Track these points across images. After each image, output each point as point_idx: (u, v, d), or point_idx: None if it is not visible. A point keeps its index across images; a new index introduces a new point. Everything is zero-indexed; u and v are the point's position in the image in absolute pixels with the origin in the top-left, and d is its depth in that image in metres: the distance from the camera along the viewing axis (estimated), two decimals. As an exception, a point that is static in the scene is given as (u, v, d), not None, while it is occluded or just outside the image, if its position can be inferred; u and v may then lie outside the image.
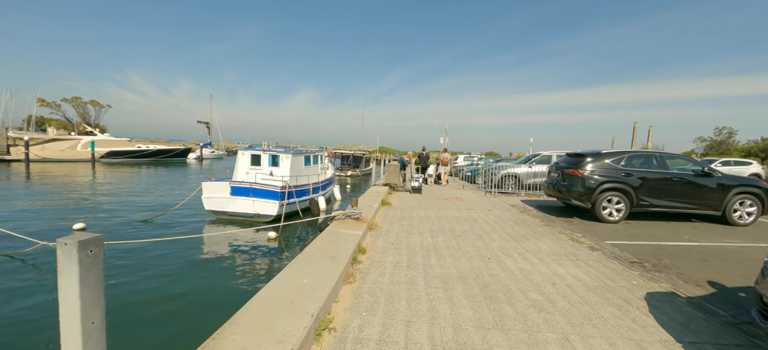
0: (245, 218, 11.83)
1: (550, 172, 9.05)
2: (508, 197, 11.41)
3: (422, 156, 18.51)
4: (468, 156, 25.24)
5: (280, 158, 13.35)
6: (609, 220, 7.58)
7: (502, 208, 9.12)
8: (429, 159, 17.77)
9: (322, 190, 15.30)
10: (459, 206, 9.34)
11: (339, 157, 37.91)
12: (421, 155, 19.21)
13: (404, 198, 10.52)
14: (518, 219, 7.63)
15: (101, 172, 28.89)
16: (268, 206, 11.57)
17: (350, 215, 6.08)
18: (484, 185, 13.43)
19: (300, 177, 13.77)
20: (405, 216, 7.59)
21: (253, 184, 11.66)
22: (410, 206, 9.07)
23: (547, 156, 13.09)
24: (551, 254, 5.06)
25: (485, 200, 10.71)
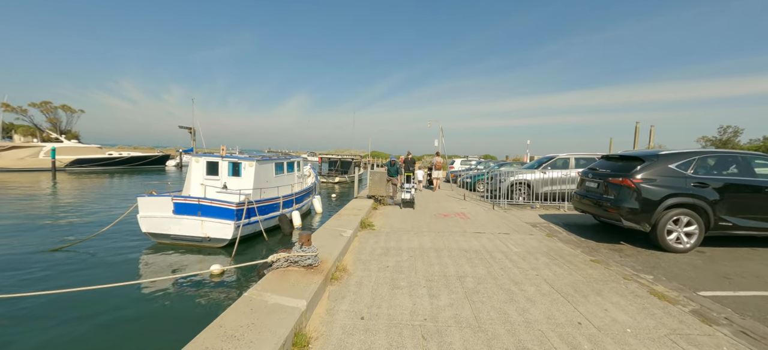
0: (193, 243, 9.39)
1: (584, 181, 6.86)
2: (522, 212, 9.19)
3: (407, 160, 16.81)
4: (465, 160, 23.11)
5: (243, 167, 10.96)
6: (676, 248, 5.41)
7: (521, 230, 6.88)
8: (414, 164, 16.48)
9: (297, 202, 12.93)
10: (464, 227, 7.08)
11: (326, 162, 35.47)
12: (406, 160, 17.42)
13: (392, 216, 8.23)
14: (552, 251, 5.38)
15: (62, 182, 26.05)
16: (221, 227, 9.16)
17: (299, 259, 3.75)
18: (489, 196, 11.24)
19: (268, 189, 11.40)
20: (390, 249, 5.29)
21: (202, 200, 9.24)
22: (399, 229, 6.77)
23: (562, 159, 10.96)
24: (643, 335, 2.82)
25: (495, 215, 8.47)
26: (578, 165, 10.74)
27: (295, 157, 14.68)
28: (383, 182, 9.65)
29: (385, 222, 7.37)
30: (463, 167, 22.05)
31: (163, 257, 8.76)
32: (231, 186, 10.79)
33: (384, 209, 9.09)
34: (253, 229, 10.02)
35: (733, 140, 32.90)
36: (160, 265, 8.26)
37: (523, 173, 10.67)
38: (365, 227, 6.69)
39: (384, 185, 9.66)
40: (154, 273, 7.81)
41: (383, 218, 7.81)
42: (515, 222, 7.60)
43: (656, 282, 4.11)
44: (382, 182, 9.65)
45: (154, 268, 8.06)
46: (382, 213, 8.51)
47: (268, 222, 10.81)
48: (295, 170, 14.27)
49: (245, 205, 9.32)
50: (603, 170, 6.34)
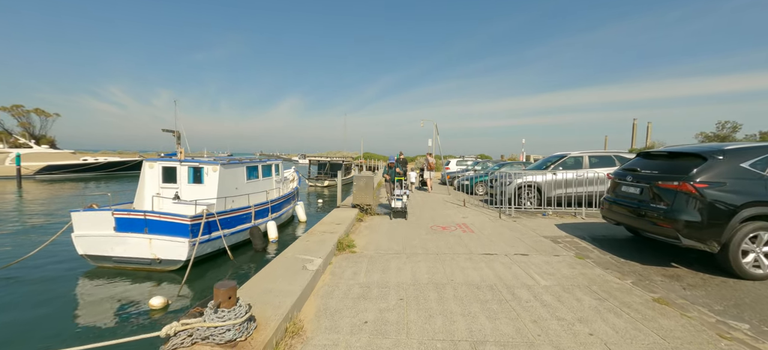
0: (140, 266, 7.76)
1: (619, 184, 5.46)
2: (534, 220, 7.80)
3: (399, 161, 15.87)
4: (461, 160, 21.75)
5: (205, 172, 9.35)
6: (754, 274, 4.06)
7: (541, 248, 5.46)
8: (406, 165, 15.61)
9: (275, 211, 11.35)
10: (469, 245, 5.63)
11: (315, 164, 33.84)
12: (398, 160, 16.41)
13: (379, 230, 6.75)
14: (593, 283, 3.96)
15: (26, 191, 24.03)
16: (173, 246, 7.57)
17: (212, 333, 2.25)
18: (493, 201, 9.84)
19: (237, 198, 9.81)
20: (372, 287, 3.81)
21: (150, 214, 7.63)
22: (387, 251, 5.28)
23: (573, 158, 9.62)
24: None
25: (503, 227, 7.05)
26: (593, 165, 9.42)
27: (274, 159, 13.08)
28: (370, 189, 8.16)
29: (370, 240, 5.88)
30: (459, 167, 20.67)
31: (100, 286, 7.13)
32: (192, 195, 9.18)
33: (371, 221, 7.60)
34: (212, 248, 8.43)
35: (732, 135, 32.28)
36: (95, 298, 6.64)
37: (530, 175, 9.30)
38: (343, 248, 5.19)
39: (371, 191, 8.17)
40: (86, 309, 6.21)
41: (368, 234, 6.32)
42: (530, 236, 6.18)
43: (763, 339, 2.72)
44: (369, 188, 8.16)
45: (87, 303, 6.44)
46: (368, 226, 7.02)
47: (236, 237, 9.22)
48: (272, 174, 12.69)
49: (203, 218, 7.73)
50: (647, 170, 4.95)
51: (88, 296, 6.71)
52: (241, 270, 8.12)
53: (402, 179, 8.45)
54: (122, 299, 6.48)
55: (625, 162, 9.91)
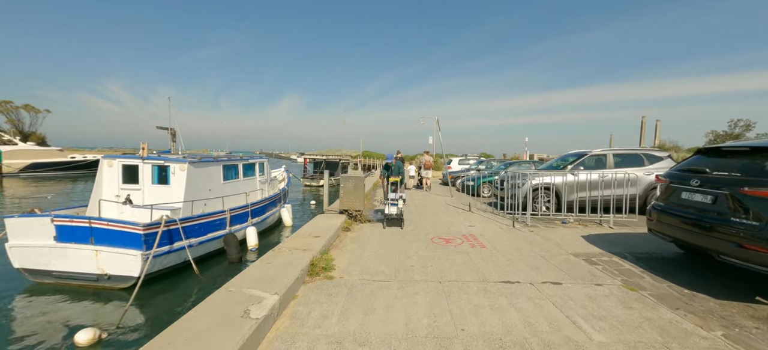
0: (86, 283, 6.55)
1: (678, 189, 4.21)
2: (554, 230, 6.56)
3: (397, 160, 14.82)
4: (463, 159, 20.50)
5: (171, 171, 8.12)
6: None
7: (576, 272, 4.23)
8: (403, 163, 14.79)
9: (256, 216, 10.13)
10: (481, 267, 4.39)
11: (311, 163, 32.62)
12: (396, 159, 15.38)
13: (369, 242, 5.52)
14: (669, 334, 2.72)
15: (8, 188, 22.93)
16: (123, 260, 6.35)
17: None
18: (502, 206, 8.60)
19: (209, 200, 8.60)
20: (345, 340, 2.57)
21: (96, 221, 6.41)
22: (374, 275, 4.05)
23: (595, 157, 8.40)
24: None
25: (520, 240, 5.81)
26: (617, 164, 8.20)
27: (258, 157, 11.84)
28: (359, 192, 6.92)
29: (355, 258, 4.65)
30: (461, 166, 19.44)
31: (31, 309, 5.91)
32: (157, 197, 7.96)
33: (359, 231, 6.37)
34: (177, 259, 7.20)
35: (745, 134, 31.01)
36: (19, 325, 5.43)
37: (545, 175, 8.06)
38: (318, 272, 3.97)
39: (361, 195, 6.93)
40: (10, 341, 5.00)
41: (354, 249, 5.09)
42: (556, 253, 4.95)
43: None
44: (359, 191, 6.92)
45: (4, 332, 5.22)
46: (356, 238, 5.79)
47: (207, 246, 8.00)
48: (256, 174, 11.46)
49: (161, 226, 6.50)
50: (723, 172, 3.71)
51: (13, 321, 5.50)
52: (210, 286, 6.90)
53: (396, 181, 7.22)
54: (47, 328, 5.25)
55: (656, 161, 8.71)
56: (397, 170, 7.34)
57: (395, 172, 7.34)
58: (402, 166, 7.57)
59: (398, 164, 7.41)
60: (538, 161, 13.33)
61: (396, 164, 7.42)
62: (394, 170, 7.39)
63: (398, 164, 7.41)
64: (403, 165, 16.99)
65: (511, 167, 12.80)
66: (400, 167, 7.38)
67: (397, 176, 7.24)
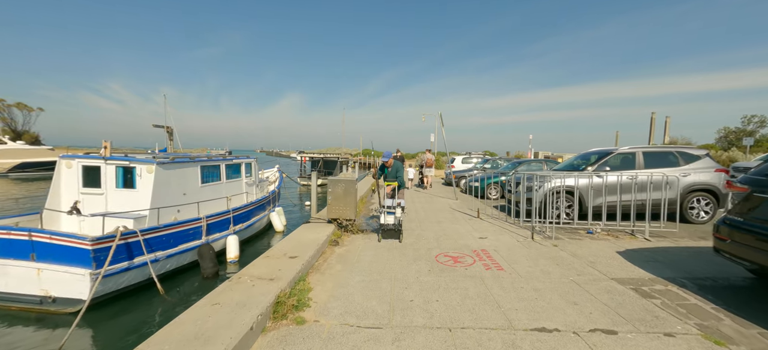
0: (27, 306, 5.55)
1: (765, 200, 3.18)
2: (582, 244, 5.53)
3: (396, 158, 13.97)
4: (467, 157, 19.42)
5: (137, 173, 7.11)
6: None
7: (631, 313, 3.19)
8: (403, 162, 14.02)
9: (240, 222, 9.13)
10: (503, 305, 3.37)
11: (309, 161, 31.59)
12: (395, 158, 14.49)
13: (358, 263, 4.50)
14: None
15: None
16: (69, 280, 5.35)
17: None
18: (511, 209, 7.55)
19: (185, 206, 7.61)
20: None
21: (37, 233, 5.42)
22: (360, 318, 3.03)
23: (622, 155, 7.36)
24: None
25: (545, 259, 4.78)
26: (647, 164, 7.15)
27: (243, 157, 10.81)
28: (351, 197, 5.90)
29: (339, 287, 3.63)
30: (464, 165, 18.38)
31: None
32: (121, 204, 6.96)
33: (350, 245, 5.35)
34: (140, 276, 6.21)
35: (759, 131, 29.80)
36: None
37: (565, 177, 7.00)
38: (285, 314, 2.96)
39: (352, 201, 5.91)
40: None
41: (339, 272, 4.07)
42: (594, 278, 3.92)
43: None
44: (350, 196, 5.90)
45: None
46: (343, 256, 4.77)
47: (177, 260, 7.00)
48: (242, 175, 10.45)
49: (116, 239, 5.49)
50: None
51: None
52: (176, 307, 5.90)
53: (394, 186, 6.19)
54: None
55: (693, 160, 7.66)
56: (394, 172, 6.31)
57: (392, 175, 6.31)
58: (401, 167, 6.54)
59: (396, 165, 6.39)
60: (551, 161, 12.26)
61: (394, 164, 6.39)
62: (390, 172, 6.37)
63: (396, 165, 6.39)
64: (403, 165, 16.02)
65: (521, 166, 11.75)
66: (398, 169, 6.36)
67: (394, 180, 6.20)
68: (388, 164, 6.40)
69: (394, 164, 6.42)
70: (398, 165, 6.40)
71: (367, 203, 10.13)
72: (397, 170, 6.33)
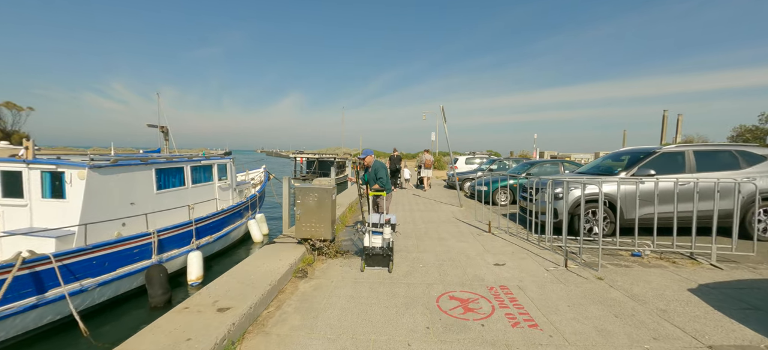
0: None
1: None
2: (633, 275, 4.13)
3: (393, 158, 13.69)
4: (470, 158, 18.00)
5: (67, 178, 5.76)
6: None
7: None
8: (401, 162, 13.81)
9: (205, 235, 7.78)
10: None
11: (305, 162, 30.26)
12: (392, 158, 14.04)
13: (324, 315, 3.11)
14: None
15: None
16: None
17: None
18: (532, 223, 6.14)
19: (132, 218, 6.27)
20: None
21: None
22: None
23: (668, 155, 5.95)
24: None
25: (593, 303, 3.38)
26: (700, 166, 5.77)
27: (215, 158, 9.44)
28: (326, 211, 4.51)
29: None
30: (468, 166, 16.97)
31: None
32: (48, 217, 5.62)
33: (321, 277, 3.98)
34: (57, 311, 4.85)
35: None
36: None
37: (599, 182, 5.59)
38: None
39: (328, 215, 4.53)
40: None
41: (292, 333, 2.69)
42: (687, 347, 2.53)
43: None
44: (324, 210, 4.51)
45: None
46: (307, 298, 3.39)
47: (115, 287, 5.65)
48: (215, 179, 9.10)
49: (15, 267, 4.14)
50: None
51: None
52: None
53: (382, 193, 4.81)
54: None
55: (758, 161, 6.25)
56: (374, 174, 4.96)
57: (371, 177, 4.95)
58: (383, 167, 5.18)
59: (376, 165, 5.03)
60: (571, 162, 10.75)
61: (375, 164, 5.03)
62: (370, 175, 5.00)
63: (376, 165, 5.03)
64: (400, 163, 14.59)
65: (534, 167, 10.33)
66: (378, 169, 5.00)
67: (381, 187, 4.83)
68: (367, 163, 5.04)
69: (374, 163, 5.05)
70: (378, 165, 5.04)
71: (355, 210, 8.74)
72: (377, 171, 4.97)
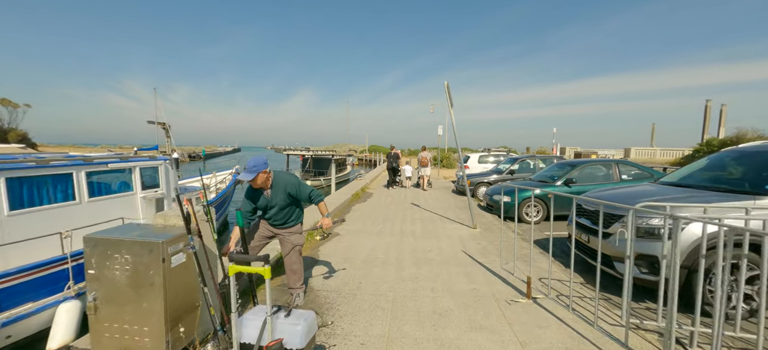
0: None
1: None
2: None
3: (391, 156, 13.50)
4: (484, 155, 15.15)
5: None
6: None
7: None
8: (398, 160, 13.58)
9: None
10: None
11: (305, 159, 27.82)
12: (389, 155, 13.66)
13: None
14: None
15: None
16: None
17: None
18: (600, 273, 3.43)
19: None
20: None
21: None
22: None
23: None
24: None
25: None
26: None
27: (136, 159, 6.98)
28: (153, 291, 1.94)
29: None
30: (481, 166, 14.17)
31: None
32: None
33: None
34: None
35: None
36: None
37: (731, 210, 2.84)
38: None
39: (157, 300, 1.96)
40: None
41: None
42: None
43: None
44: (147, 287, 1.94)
45: None
46: None
47: None
48: (136, 188, 6.64)
49: None
50: None
51: None
52: None
53: (261, 272, 2.24)
54: None
55: None
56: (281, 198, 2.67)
57: (277, 202, 2.69)
58: (293, 182, 2.76)
59: (283, 181, 2.71)
60: (629, 163, 7.75)
61: (278, 179, 2.74)
62: (272, 202, 2.78)
63: (283, 181, 2.71)
64: (398, 161, 12.44)
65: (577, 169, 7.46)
66: (289, 187, 2.65)
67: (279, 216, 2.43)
68: (259, 185, 2.63)
69: (277, 179, 2.68)
70: (287, 181, 2.65)
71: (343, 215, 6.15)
72: (285, 187, 2.83)
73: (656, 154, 26.27)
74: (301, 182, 3.02)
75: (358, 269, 4.27)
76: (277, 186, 2.87)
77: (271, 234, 3.12)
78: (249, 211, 2.98)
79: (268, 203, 2.92)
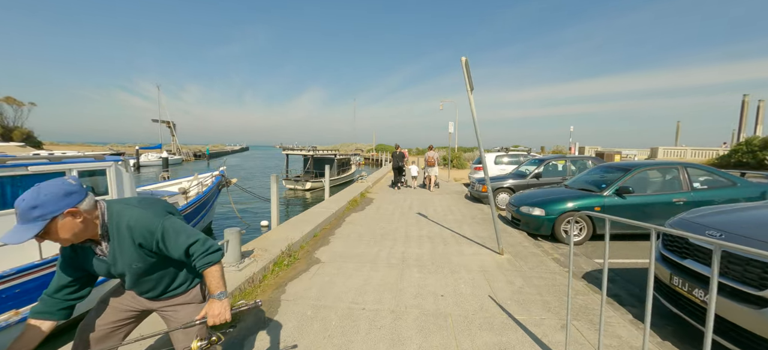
0: None
1: None
2: None
3: (396, 155, 12.93)
4: (501, 155, 13.47)
5: None
6: None
7: None
8: (403, 159, 12.82)
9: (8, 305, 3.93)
10: None
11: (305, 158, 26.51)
12: (395, 154, 13.04)
13: None
14: None
15: None
16: None
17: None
18: None
19: None
20: None
21: None
22: None
23: None
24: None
25: None
26: None
27: (69, 161, 5.67)
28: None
29: None
30: (498, 167, 12.52)
31: None
32: None
33: None
34: None
35: None
36: None
37: None
38: None
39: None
40: None
41: None
42: None
43: None
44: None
45: None
46: None
47: None
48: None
49: None
50: None
51: None
52: None
53: None
54: None
55: None
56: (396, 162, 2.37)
57: (125, 266, 1.44)
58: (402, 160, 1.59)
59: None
60: (692, 164, 6.08)
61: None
62: (113, 265, 1.47)
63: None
64: (403, 161, 11.78)
65: (630, 174, 5.80)
66: (148, 236, 1.44)
67: None
68: (67, 239, 1.30)
69: (116, 218, 1.44)
70: (137, 221, 1.42)
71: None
72: (132, 233, 1.42)
73: (687, 154, 24.11)
74: (172, 220, 1.46)
75: (330, 336, 2.76)
76: (119, 232, 1.38)
77: (139, 310, 1.65)
78: (65, 289, 1.42)
79: (108, 267, 1.46)
